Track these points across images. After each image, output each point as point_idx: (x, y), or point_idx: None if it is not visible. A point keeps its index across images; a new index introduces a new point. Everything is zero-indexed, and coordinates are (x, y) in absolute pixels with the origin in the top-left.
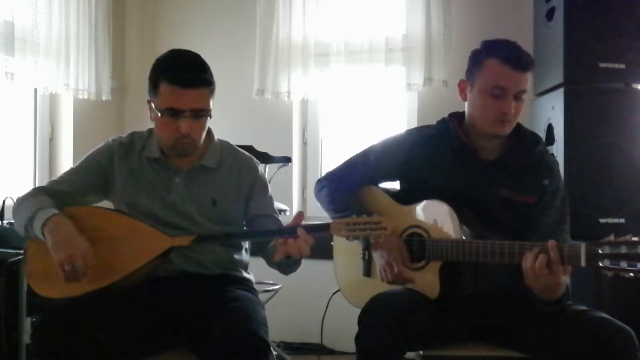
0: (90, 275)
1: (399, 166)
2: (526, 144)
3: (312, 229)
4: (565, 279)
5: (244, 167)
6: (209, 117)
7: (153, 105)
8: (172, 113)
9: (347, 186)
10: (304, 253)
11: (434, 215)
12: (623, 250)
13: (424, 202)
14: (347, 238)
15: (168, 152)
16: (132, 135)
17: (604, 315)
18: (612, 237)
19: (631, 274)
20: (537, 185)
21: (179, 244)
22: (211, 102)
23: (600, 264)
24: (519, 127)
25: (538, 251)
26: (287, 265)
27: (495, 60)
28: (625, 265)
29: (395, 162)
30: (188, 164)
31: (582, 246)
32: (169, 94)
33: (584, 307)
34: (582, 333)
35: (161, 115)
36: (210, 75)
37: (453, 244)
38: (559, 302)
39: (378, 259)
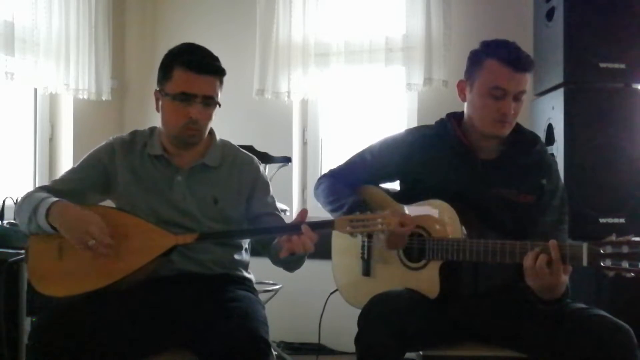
0: (112, 246)
1: (397, 166)
2: (525, 144)
3: (316, 225)
4: (565, 279)
5: (245, 167)
6: (217, 107)
7: (163, 92)
8: (184, 98)
9: (345, 184)
10: (308, 249)
11: (433, 214)
12: (624, 249)
13: (423, 202)
14: (351, 235)
15: (173, 142)
16: (134, 133)
17: (603, 312)
18: (613, 237)
19: (632, 274)
20: (535, 184)
21: (183, 242)
22: (220, 93)
23: (602, 264)
24: (517, 126)
25: (539, 250)
26: (291, 262)
27: (495, 61)
28: (627, 265)
29: (394, 162)
30: (190, 162)
31: (584, 246)
32: (183, 78)
33: (582, 305)
34: (581, 331)
35: (173, 99)
36: (221, 65)
37: (453, 244)
38: (558, 301)
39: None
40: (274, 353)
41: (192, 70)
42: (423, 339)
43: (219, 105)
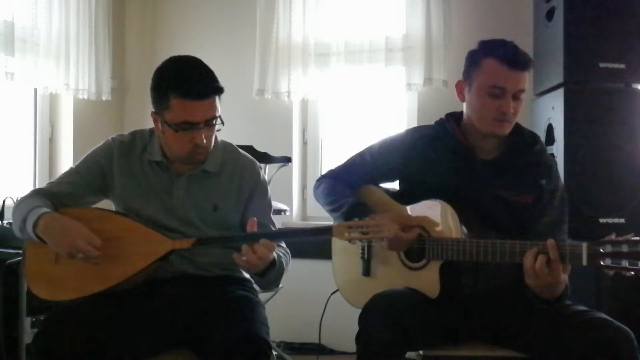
0: (101, 261)
1: (396, 166)
2: (524, 144)
3: (314, 232)
4: (565, 278)
5: (246, 171)
6: (221, 122)
7: (161, 119)
8: (187, 127)
9: (345, 184)
10: (252, 265)
11: (433, 214)
12: (624, 248)
13: (423, 202)
14: (350, 242)
15: (178, 161)
16: (134, 134)
17: (604, 315)
18: (613, 236)
19: (632, 273)
20: (535, 185)
21: (180, 247)
22: (219, 106)
23: (602, 263)
24: (517, 126)
25: (537, 250)
26: (258, 283)
27: (493, 60)
28: (627, 264)
29: (393, 162)
30: (190, 168)
31: (584, 245)
32: (183, 108)
33: (584, 308)
34: (582, 333)
35: (175, 130)
36: (219, 80)
37: (453, 244)
38: (557, 300)
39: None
40: (274, 353)
41: (191, 99)
42: (423, 339)
43: (223, 123)
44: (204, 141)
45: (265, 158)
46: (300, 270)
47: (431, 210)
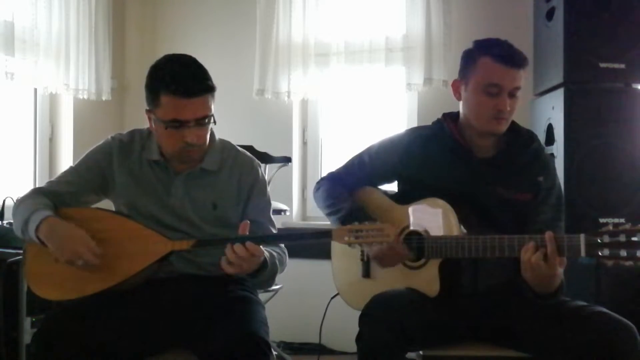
0: (101, 262)
1: (395, 166)
2: (521, 142)
3: (314, 235)
4: (560, 271)
5: (245, 169)
6: (213, 122)
7: (154, 116)
8: (177, 125)
9: (344, 186)
10: (239, 268)
11: (432, 213)
12: (622, 238)
13: (422, 201)
14: (349, 245)
15: (173, 160)
16: (133, 133)
17: (604, 310)
18: (610, 227)
19: (630, 262)
20: (532, 182)
21: (179, 248)
22: (213, 106)
23: (600, 254)
24: (514, 125)
25: (535, 244)
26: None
27: (488, 58)
28: (625, 253)
29: (392, 163)
30: (188, 167)
31: (582, 236)
32: (172, 105)
33: (583, 303)
34: (583, 328)
35: (166, 128)
36: (211, 79)
37: (451, 241)
38: (553, 295)
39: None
40: (274, 353)
41: (181, 96)
42: (424, 338)
43: (215, 122)
44: (195, 140)
45: (265, 158)
46: (300, 270)
47: (430, 210)
